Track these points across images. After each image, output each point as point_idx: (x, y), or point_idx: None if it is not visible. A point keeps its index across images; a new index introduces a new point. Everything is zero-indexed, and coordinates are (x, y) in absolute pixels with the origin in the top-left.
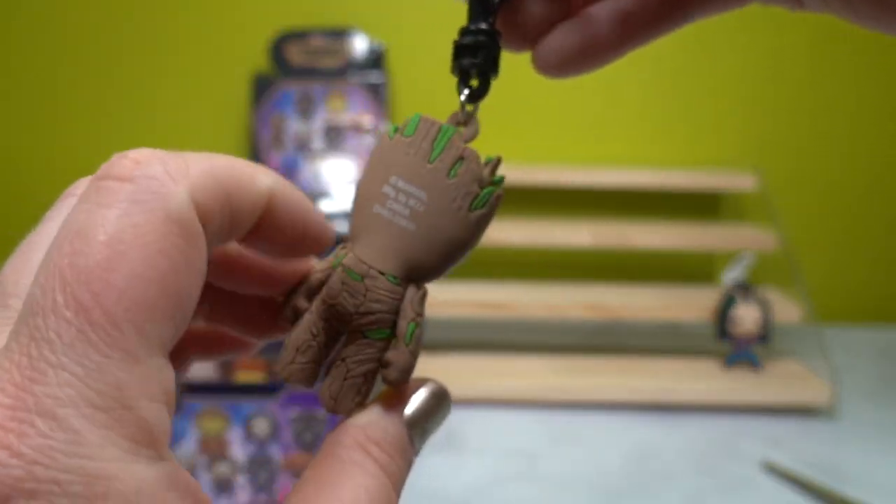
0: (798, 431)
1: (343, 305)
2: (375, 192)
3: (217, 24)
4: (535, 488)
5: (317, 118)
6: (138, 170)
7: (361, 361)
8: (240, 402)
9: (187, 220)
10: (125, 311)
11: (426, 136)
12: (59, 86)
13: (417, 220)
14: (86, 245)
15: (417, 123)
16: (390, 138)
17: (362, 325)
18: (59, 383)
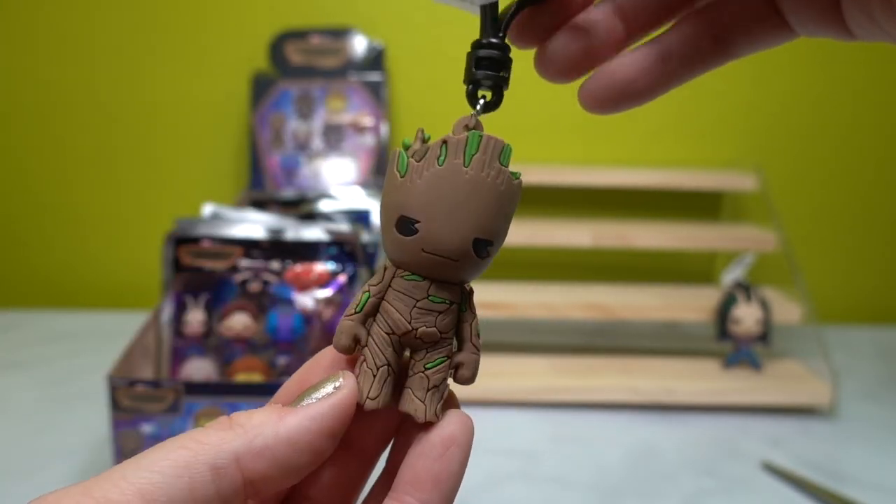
0: (798, 431)
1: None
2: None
3: (217, 24)
4: (535, 488)
5: (316, 118)
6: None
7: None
8: (239, 402)
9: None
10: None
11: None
12: (59, 85)
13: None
14: None
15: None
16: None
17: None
18: None
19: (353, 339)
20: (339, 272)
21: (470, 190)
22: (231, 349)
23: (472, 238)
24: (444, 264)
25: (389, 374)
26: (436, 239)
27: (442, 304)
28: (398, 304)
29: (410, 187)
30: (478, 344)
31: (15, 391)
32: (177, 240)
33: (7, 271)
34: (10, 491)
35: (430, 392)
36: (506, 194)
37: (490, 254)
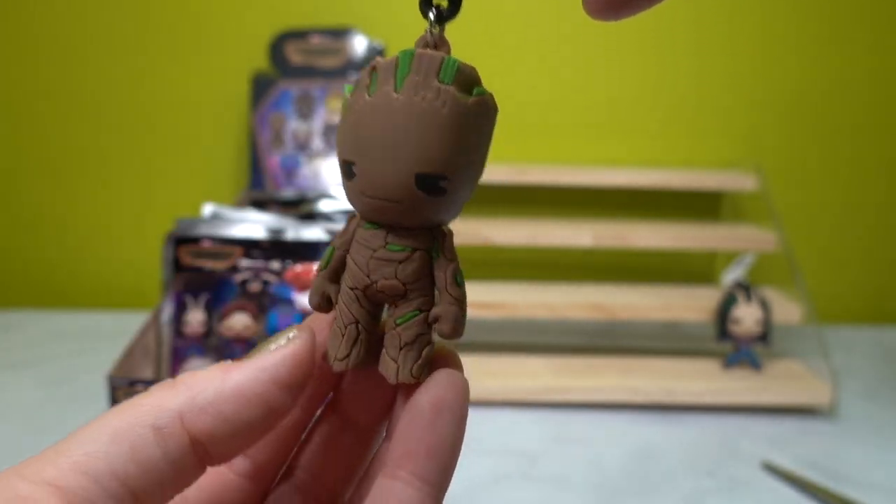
0: (798, 431)
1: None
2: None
3: (217, 24)
4: (535, 488)
5: (316, 118)
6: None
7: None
8: None
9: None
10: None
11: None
12: (59, 85)
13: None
14: None
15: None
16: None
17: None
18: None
19: (322, 296)
20: None
21: (403, 118)
22: (231, 349)
23: (412, 173)
24: (388, 209)
25: (359, 332)
26: (372, 180)
27: (402, 251)
28: (357, 256)
29: (346, 125)
30: (456, 293)
31: (15, 391)
32: (177, 240)
33: (7, 271)
34: None
35: (404, 350)
36: (454, 116)
37: (447, 189)
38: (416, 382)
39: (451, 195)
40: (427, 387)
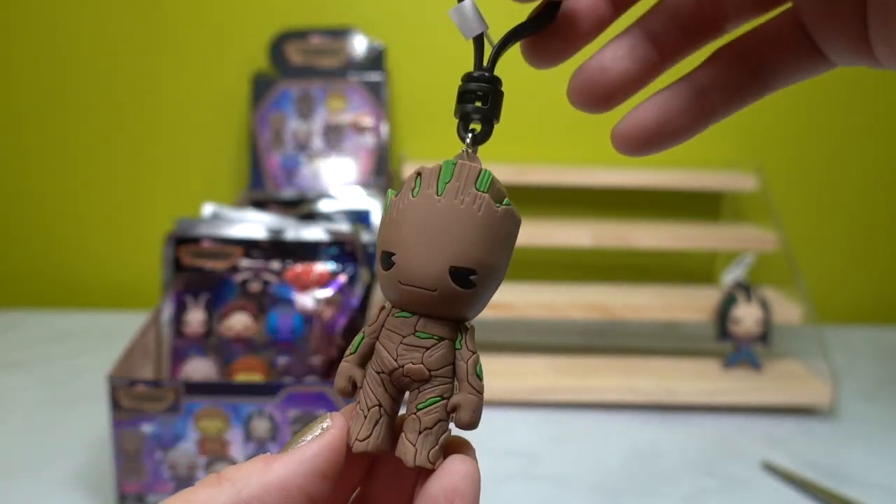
0: (798, 431)
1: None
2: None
3: (217, 24)
4: (535, 488)
5: (317, 118)
6: None
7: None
8: (239, 402)
9: None
10: None
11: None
12: (59, 86)
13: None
14: None
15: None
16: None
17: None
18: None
19: (348, 380)
20: (339, 272)
21: (443, 217)
22: (231, 349)
23: (447, 266)
24: (423, 296)
25: (381, 415)
26: (410, 269)
27: (429, 339)
28: (387, 341)
29: (389, 222)
30: (476, 384)
31: (15, 391)
32: (177, 240)
33: (7, 271)
34: (10, 491)
35: (423, 434)
36: (487, 220)
37: (476, 284)
38: (432, 468)
39: (478, 290)
40: (441, 475)
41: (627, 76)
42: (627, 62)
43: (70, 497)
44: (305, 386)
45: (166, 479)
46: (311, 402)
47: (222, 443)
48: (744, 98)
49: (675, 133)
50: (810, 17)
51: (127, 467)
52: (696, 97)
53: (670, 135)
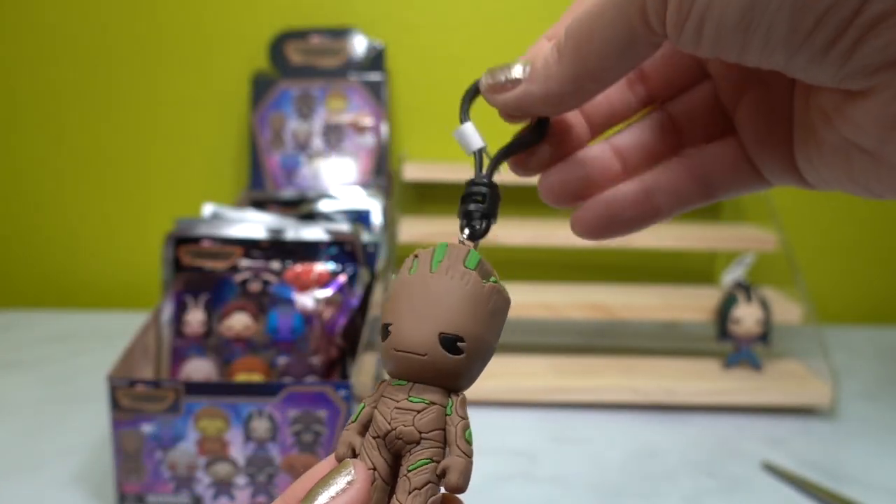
0: (798, 431)
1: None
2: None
3: (217, 24)
4: (535, 488)
5: (316, 118)
6: None
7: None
8: (239, 402)
9: None
10: None
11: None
12: (59, 86)
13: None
14: None
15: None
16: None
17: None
18: None
19: (348, 447)
20: (339, 272)
21: (433, 290)
22: (231, 349)
23: (436, 332)
24: (415, 361)
25: (375, 478)
26: (403, 336)
27: (420, 403)
28: (383, 407)
29: (388, 298)
30: (465, 449)
31: (15, 391)
32: (177, 240)
33: (7, 271)
34: (10, 490)
35: (412, 494)
36: (473, 293)
37: (464, 351)
38: None
39: (466, 358)
40: None
41: (592, 176)
42: (593, 168)
43: (70, 497)
44: (305, 386)
45: (166, 479)
46: (311, 402)
47: (222, 443)
48: (689, 204)
49: (627, 225)
50: (749, 142)
51: (127, 467)
52: (647, 196)
53: (622, 226)
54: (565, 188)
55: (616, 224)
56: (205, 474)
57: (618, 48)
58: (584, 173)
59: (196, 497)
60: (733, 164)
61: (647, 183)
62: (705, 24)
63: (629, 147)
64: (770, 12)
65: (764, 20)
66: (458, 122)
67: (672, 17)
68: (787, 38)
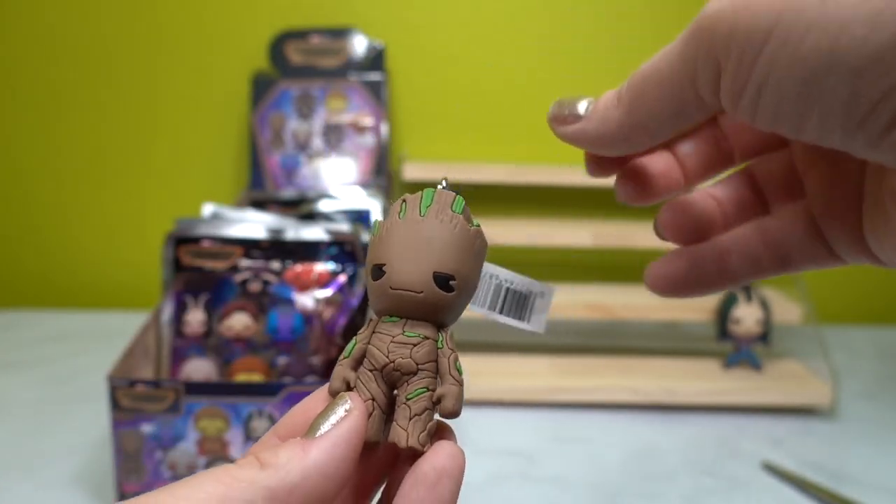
0: (798, 431)
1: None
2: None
3: (217, 24)
4: (535, 488)
5: (316, 118)
6: None
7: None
8: (239, 402)
9: None
10: None
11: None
12: (58, 86)
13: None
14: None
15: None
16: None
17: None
18: None
19: (342, 381)
20: (339, 272)
21: (425, 233)
22: (231, 349)
23: (430, 271)
24: (411, 297)
25: (374, 408)
26: (399, 275)
27: (415, 338)
28: (378, 342)
29: (378, 241)
30: (457, 377)
31: (15, 391)
32: (177, 240)
33: (7, 271)
34: (10, 490)
35: (413, 420)
36: (461, 236)
37: (455, 288)
38: (421, 449)
39: (455, 295)
40: (431, 456)
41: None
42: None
43: (70, 497)
44: (305, 386)
45: (166, 480)
46: None
47: (222, 443)
48: (763, 272)
49: (699, 286)
50: (819, 213)
51: (127, 467)
52: (720, 257)
53: (693, 286)
54: (679, 227)
55: (689, 283)
56: None
57: (668, 109)
58: (695, 214)
59: None
60: (804, 235)
61: (724, 244)
62: (762, 97)
63: (726, 200)
64: (827, 90)
65: (822, 98)
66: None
67: (727, 89)
68: (843, 120)
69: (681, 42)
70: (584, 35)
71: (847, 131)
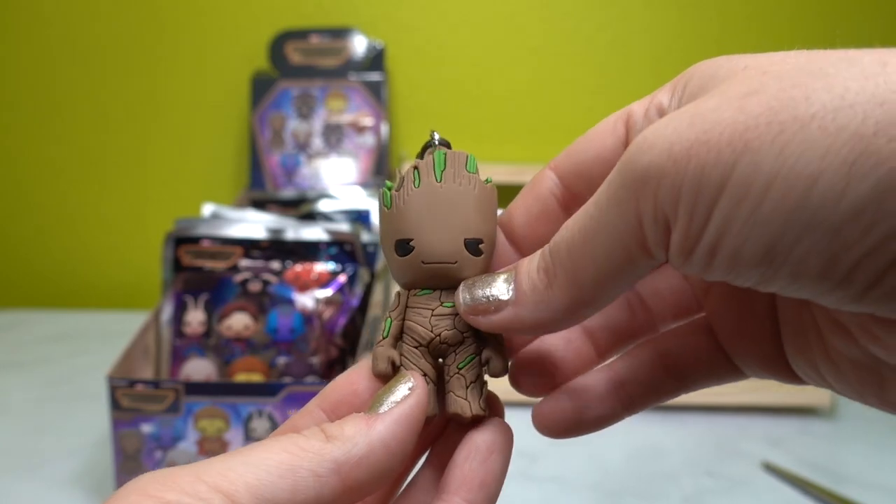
0: (798, 431)
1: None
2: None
3: (217, 24)
4: (535, 488)
5: (316, 118)
6: None
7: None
8: (239, 402)
9: None
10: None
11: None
12: (58, 86)
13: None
14: None
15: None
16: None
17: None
18: None
19: (388, 361)
20: (339, 272)
21: (448, 199)
22: (231, 349)
23: (461, 239)
24: (445, 269)
25: (427, 382)
26: (431, 248)
27: (454, 307)
28: (417, 317)
29: (397, 214)
30: (500, 338)
31: (15, 391)
32: (177, 240)
33: (7, 271)
34: (10, 490)
35: (470, 388)
36: (481, 196)
37: (483, 251)
38: (485, 414)
39: (485, 257)
40: (483, 430)
41: (564, 365)
42: (565, 352)
43: (70, 497)
44: (305, 386)
45: None
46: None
47: (222, 443)
48: (661, 395)
49: (594, 422)
50: (723, 333)
51: (127, 467)
52: (614, 389)
53: (588, 424)
54: (534, 379)
55: (584, 423)
56: None
57: (615, 275)
58: (556, 356)
59: None
60: (706, 355)
61: (619, 373)
62: (717, 255)
63: (598, 326)
64: (798, 252)
65: (790, 260)
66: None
67: (677, 247)
68: (817, 280)
69: (614, 200)
70: (583, 35)
71: (822, 290)
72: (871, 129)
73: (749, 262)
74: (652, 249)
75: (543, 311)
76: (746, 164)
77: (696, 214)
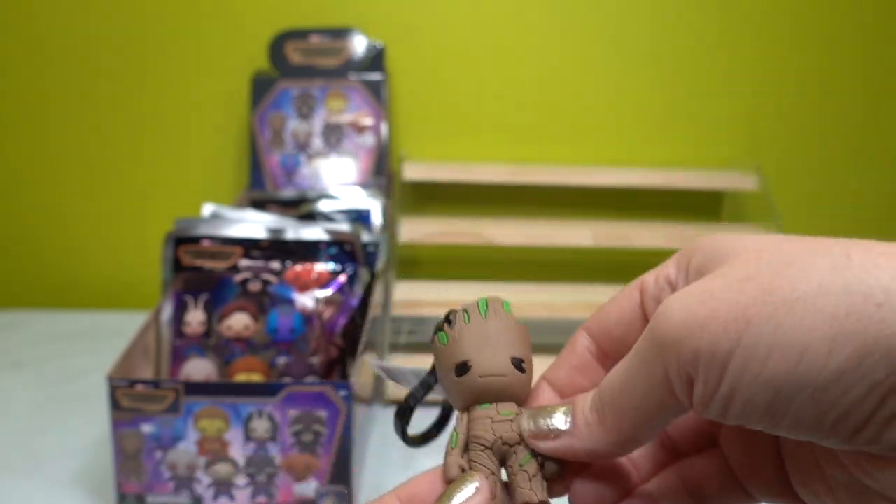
0: None
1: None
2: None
3: (217, 24)
4: None
5: (316, 118)
6: None
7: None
8: (239, 402)
9: None
10: None
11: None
12: (58, 85)
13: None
14: None
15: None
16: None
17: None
18: None
19: (458, 467)
20: (339, 272)
21: (495, 329)
22: (231, 349)
23: (508, 357)
24: (498, 381)
25: (497, 481)
26: (485, 365)
27: (509, 415)
28: (480, 426)
29: (454, 345)
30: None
31: (15, 391)
32: (177, 240)
33: (7, 271)
34: (10, 490)
35: (533, 480)
36: (519, 328)
37: (525, 369)
38: (547, 503)
39: (527, 375)
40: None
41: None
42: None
43: (70, 497)
44: (305, 386)
45: (166, 480)
46: (311, 402)
47: (222, 443)
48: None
49: None
50: (735, 464)
51: (127, 467)
52: (646, 502)
53: None
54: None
55: None
56: (205, 474)
57: (651, 417)
58: (615, 483)
59: (196, 497)
60: (723, 481)
61: (651, 491)
62: (731, 407)
63: (639, 457)
64: (794, 406)
65: (789, 412)
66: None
67: (698, 398)
68: (813, 428)
69: (646, 359)
70: (583, 35)
71: (818, 436)
72: (844, 312)
73: (756, 414)
74: (679, 398)
75: (595, 443)
76: (749, 336)
77: (710, 375)
